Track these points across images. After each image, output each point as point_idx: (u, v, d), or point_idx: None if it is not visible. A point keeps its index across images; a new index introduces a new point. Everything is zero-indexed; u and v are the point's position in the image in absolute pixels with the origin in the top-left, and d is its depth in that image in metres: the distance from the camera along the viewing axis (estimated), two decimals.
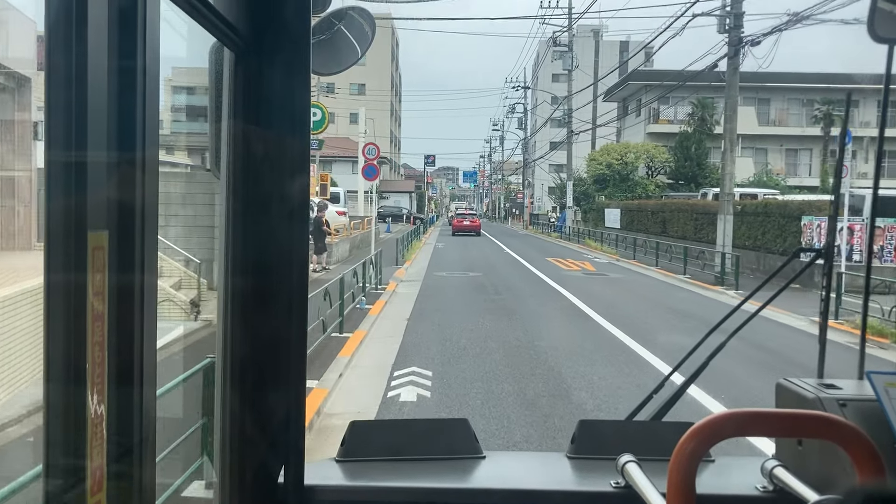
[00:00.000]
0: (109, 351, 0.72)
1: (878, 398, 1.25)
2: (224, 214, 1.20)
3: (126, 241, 0.74)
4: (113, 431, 0.73)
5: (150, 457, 0.79)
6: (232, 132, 1.19)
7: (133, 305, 0.75)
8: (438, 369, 8.85)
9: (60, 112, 0.67)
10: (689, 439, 0.97)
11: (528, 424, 6.82)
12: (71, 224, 0.68)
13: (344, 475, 1.52)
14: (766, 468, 1.41)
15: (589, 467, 1.59)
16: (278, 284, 1.23)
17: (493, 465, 1.63)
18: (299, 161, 1.22)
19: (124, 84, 0.73)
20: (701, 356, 1.78)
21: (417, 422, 1.83)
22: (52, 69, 0.67)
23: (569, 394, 7.88)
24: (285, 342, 1.24)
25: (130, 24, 0.73)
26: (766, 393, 2.64)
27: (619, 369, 9.10)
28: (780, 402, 1.54)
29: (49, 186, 0.67)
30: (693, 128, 41.56)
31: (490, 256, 28.77)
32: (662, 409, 1.76)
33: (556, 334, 11.65)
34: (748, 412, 1.02)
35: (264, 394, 1.25)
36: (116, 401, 0.74)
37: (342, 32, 1.94)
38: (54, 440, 0.69)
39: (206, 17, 1.01)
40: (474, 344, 10.52)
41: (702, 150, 40.54)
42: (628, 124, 49.19)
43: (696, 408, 6.71)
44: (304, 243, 1.24)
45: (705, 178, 39.37)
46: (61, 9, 0.66)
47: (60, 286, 0.68)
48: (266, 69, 1.18)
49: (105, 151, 0.71)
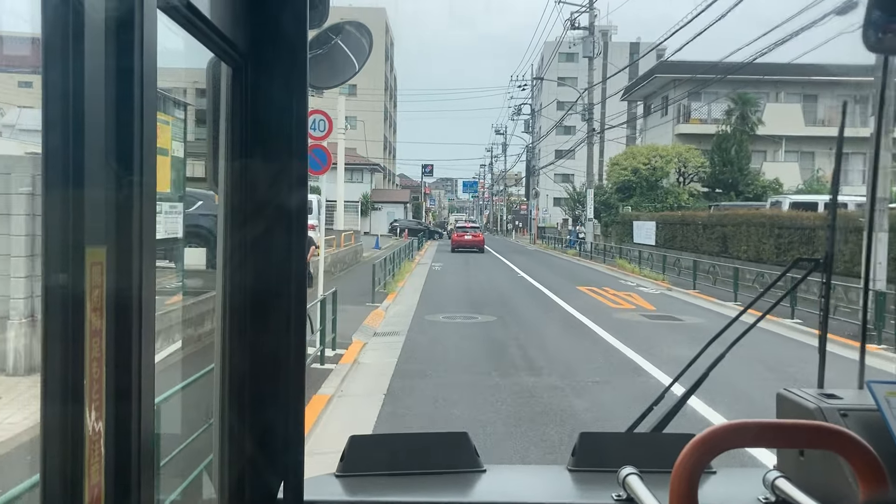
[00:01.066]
0: (107, 367, 0.72)
1: (878, 408, 1.25)
2: (222, 228, 1.20)
3: (124, 257, 0.74)
4: (111, 448, 0.73)
5: (148, 474, 0.79)
6: (230, 146, 1.19)
7: (131, 321, 0.75)
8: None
9: (58, 129, 0.67)
10: (690, 451, 0.96)
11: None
12: (69, 240, 0.68)
13: (343, 490, 1.51)
14: (767, 479, 1.40)
15: (590, 480, 1.58)
16: (276, 299, 1.23)
17: (494, 478, 1.62)
18: (297, 175, 1.22)
19: (122, 100, 0.73)
20: (701, 367, 1.77)
21: (417, 436, 1.83)
22: (49, 86, 0.67)
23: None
24: (284, 357, 1.24)
25: (128, 41, 0.73)
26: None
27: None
28: (781, 412, 1.54)
29: (47, 202, 0.67)
30: (732, 127, 35.41)
31: (502, 284, 22.02)
32: (663, 421, 1.76)
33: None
34: (749, 423, 1.01)
35: (263, 409, 1.24)
36: (115, 417, 0.73)
37: (339, 46, 1.95)
38: (51, 457, 0.68)
39: (204, 32, 1.02)
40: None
41: (743, 152, 34.18)
42: (651, 125, 43.36)
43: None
44: (301, 258, 1.24)
45: (748, 185, 33.68)
46: (58, 27, 0.66)
47: (58, 302, 0.68)
48: (263, 83, 1.19)
49: (103, 167, 0.71)
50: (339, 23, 1.99)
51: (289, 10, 1.18)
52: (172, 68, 3.47)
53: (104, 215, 0.72)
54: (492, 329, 12.70)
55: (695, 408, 7.08)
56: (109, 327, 0.72)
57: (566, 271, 27.63)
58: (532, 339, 11.77)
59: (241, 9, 1.14)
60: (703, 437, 0.98)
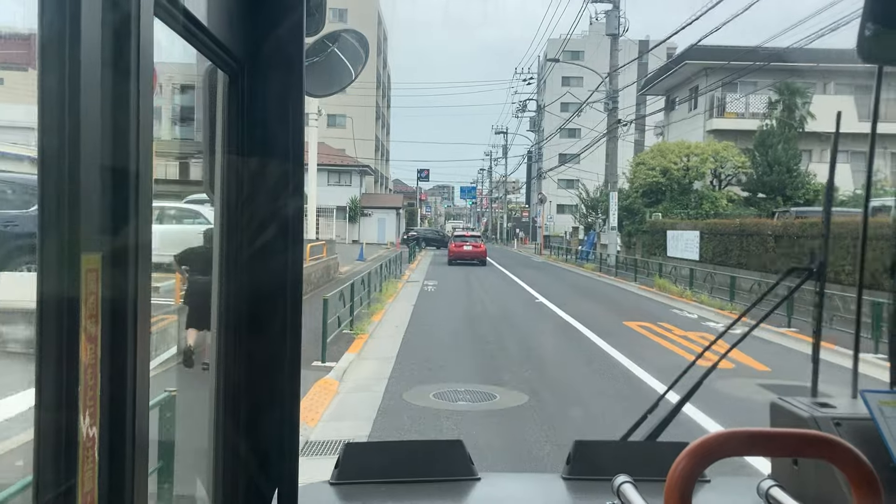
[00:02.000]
0: (102, 373, 0.72)
1: (872, 417, 1.26)
2: (218, 235, 1.20)
3: (120, 264, 0.74)
4: (105, 455, 0.73)
5: (142, 481, 0.79)
6: (226, 154, 1.19)
7: (126, 328, 0.75)
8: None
9: (54, 134, 0.67)
10: (684, 459, 0.97)
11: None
12: (64, 246, 0.68)
13: (338, 498, 1.51)
14: (762, 488, 1.40)
15: (584, 488, 1.58)
16: (272, 306, 1.23)
17: (489, 487, 1.62)
18: (293, 182, 1.22)
19: (118, 107, 0.73)
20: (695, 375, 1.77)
21: (412, 443, 1.82)
22: (44, 91, 0.67)
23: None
24: (279, 364, 1.23)
25: (124, 47, 0.74)
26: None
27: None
28: (775, 421, 1.54)
29: (43, 208, 0.67)
30: (778, 122, 30.16)
31: (518, 316, 16.27)
32: (658, 429, 1.76)
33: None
34: (743, 432, 1.01)
35: (257, 416, 1.24)
36: (109, 424, 0.73)
37: (336, 54, 1.95)
38: (45, 463, 0.68)
39: (200, 39, 1.02)
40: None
41: (792, 151, 28.70)
42: (676, 119, 37.20)
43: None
44: (298, 266, 1.24)
45: (797, 189, 28.34)
46: (54, 33, 0.66)
47: (53, 308, 0.68)
48: (260, 91, 1.19)
49: (99, 173, 0.71)
50: (335, 31, 1.99)
51: (286, 19, 1.18)
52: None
53: (100, 222, 0.72)
54: (526, 430, 7.10)
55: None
56: (105, 334, 0.72)
57: (595, 294, 22.00)
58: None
59: (238, 16, 1.14)
60: (696, 445, 0.98)
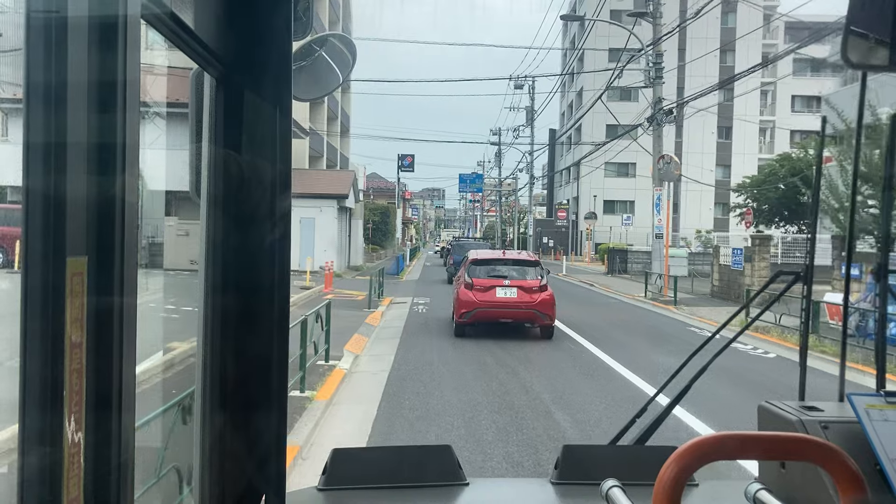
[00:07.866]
0: (88, 378, 0.71)
1: (859, 420, 1.26)
2: (204, 239, 1.20)
3: (106, 267, 0.73)
4: (90, 461, 0.72)
5: (127, 488, 0.78)
6: (213, 157, 1.18)
7: (112, 332, 0.74)
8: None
9: (39, 137, 0.66)
10: (672, 464, 0.97)
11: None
12: (49, 249, 0.67)
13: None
14: (749, 492, 1.41)
15: (573, 493, 1.58)
16: (259, 310, 1.22)
17: (477, 492, 1.62)
18: (280, 186, 1.22)
19: (104, 110, 0.73)
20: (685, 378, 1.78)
21: (400, 449, 1.81)
22: (31, 93, 0.66)
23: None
24: (266, 368, 1.23)
25: (111, 49, 0.73)
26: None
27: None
28: (763, 424, 1.55)
29: (27, 211, 0.67)
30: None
31: None
32: (646, 433, 1.76)
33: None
34: (731, 435, 1.02)
35: (244, 421, 1.23)
36: (94, 430, 0.72)
37: (323, 58, 1.95)
38: (30, 470, 0.67)
39: (187, 42, 1.02)
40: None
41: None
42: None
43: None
44: (285, 270, 1.24)
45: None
46: (40, 34, 0.66)
47: (38, 312, 0.67)
48: (247, 95, 1.19)
49: (85, 176, 0.71)
50: (323, 35, 1.99)
51: (273, 22, 1.18)
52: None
53: (86, 225, 0.71)
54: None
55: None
56: (90, 339, 0.71)
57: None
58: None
59: (225, 20, 1.14)
60: (684, 449, 0.98)
